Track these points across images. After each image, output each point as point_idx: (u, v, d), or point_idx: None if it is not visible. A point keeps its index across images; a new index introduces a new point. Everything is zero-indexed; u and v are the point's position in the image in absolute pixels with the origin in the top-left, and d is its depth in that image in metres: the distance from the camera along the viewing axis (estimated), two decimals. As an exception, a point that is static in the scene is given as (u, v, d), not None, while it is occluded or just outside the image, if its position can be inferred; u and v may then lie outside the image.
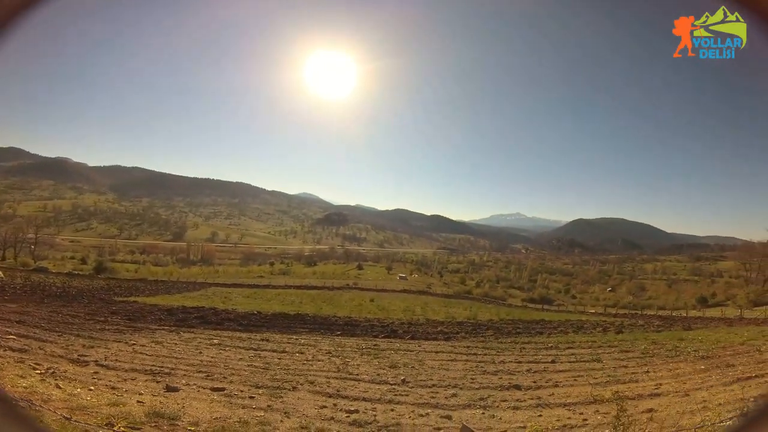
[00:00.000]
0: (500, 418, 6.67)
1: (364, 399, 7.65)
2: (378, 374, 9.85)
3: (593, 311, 48.53)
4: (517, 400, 7.90)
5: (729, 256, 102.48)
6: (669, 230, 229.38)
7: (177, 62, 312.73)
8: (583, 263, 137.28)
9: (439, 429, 6.16)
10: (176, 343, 12.34)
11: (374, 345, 14.16)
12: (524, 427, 5.94)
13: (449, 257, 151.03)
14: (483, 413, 7.04)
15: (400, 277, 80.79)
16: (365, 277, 71.41)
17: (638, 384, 8.88)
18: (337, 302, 32.41)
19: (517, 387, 8.96)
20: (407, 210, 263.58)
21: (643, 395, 7.66)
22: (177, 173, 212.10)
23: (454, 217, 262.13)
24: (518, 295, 74.61)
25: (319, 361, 11.22)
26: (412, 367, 10.80)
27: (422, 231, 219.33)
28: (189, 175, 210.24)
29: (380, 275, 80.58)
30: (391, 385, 8.90)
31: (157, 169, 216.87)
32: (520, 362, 12.08)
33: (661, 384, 8.62)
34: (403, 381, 9.20)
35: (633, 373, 10.21)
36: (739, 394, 4.86)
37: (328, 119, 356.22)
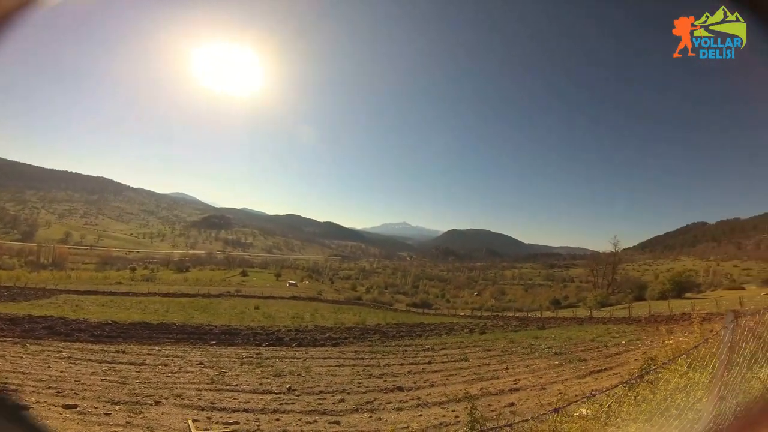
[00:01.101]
0: (386, 420, 6.79)
1: (245, 410, 7.23)
2: (261, 384, 9.39)
3: (463, 314, 53.23)
4: (400, 401, 8.14)
5: (579, 264, 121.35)
6: (526, 241, 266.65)
7: (35, 37, 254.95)
8: (456, 270, 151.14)
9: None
10: (22, 357, 10.79)
11: (257, 354, 13.51)
12: (407, 428, 6.06)
13: (341, 264, 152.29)
14: (370, 416, 7.13)
15: (290, 284, 79.24)
16: (250, 284, 68.03)
17: (500, 380, 9.83)
18: (214, 310, 30.20)
19: (400, 389, 9.25)
20: (300, 216, 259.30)
21: (504, 390, 8.48)
22: (30, 162, 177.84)
23: (347, 225, 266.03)
24: (404, 300, 78.63)
25: (187, 372, 10.31)
26: (299, 374, 10.55)
27: (315, 237, 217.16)
28: (44, 166, 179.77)
29: (268, 282, 78.05)
30: (276, 394, 8.54)
31: (6, 157, 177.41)
32: (402, 364, 12.59)
33: (519, 379, 9.66)
34: (289, 389, 8.92)
35: (495, 370, 11.35)
36: (592, 385, 5.57)
37: (216, 116, 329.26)
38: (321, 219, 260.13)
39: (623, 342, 15.49)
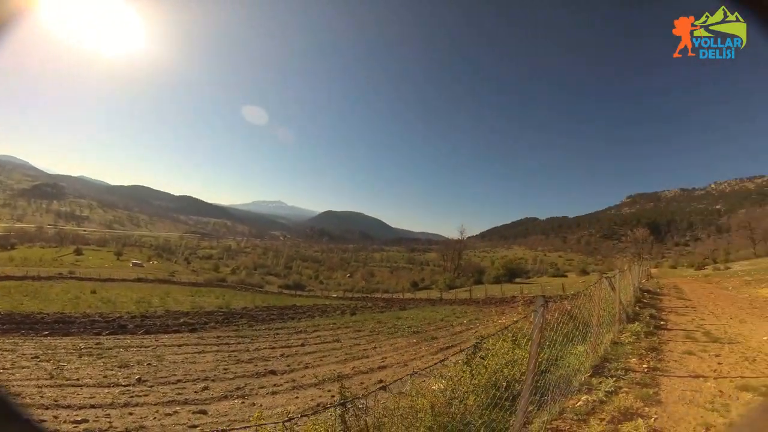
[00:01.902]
0: (260, 405, 6.81)
1: (93, 406, 6.57)
2: (105, 376, 8.55)
3: (335, 295, 54.83)
4: (275, 385, 8.25)
5: (434, 249, 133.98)
6: (394, 225, 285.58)
7: None
8: (330, 251, 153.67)
9: (195, 426, 5.76)
10: None
11: (97, 344, 12.15)
12: (286, 411, 6.25)
13: (200, 242, 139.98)
14: (242, 402, 7.07)
15: (134, 264, 71.88)
16: (86, 265, 59.23)
17: (369, 359, 10.74)
18: (45, 295, 25.63)
19: (273, 372, 9.33)
20: (149, 187, 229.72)
21: (374, 368, 9.35)
22: None
23: (210, 200, 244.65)
24: (275, 281, 76.53)
25: (22, 368, 8.99)
26: (149, 364, 9.81)
27: (167, 212, 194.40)
28: None
29: (107, 262, 68.90)
30: (124, 386, 7.90)
31: None
32: (274, 348, 12.59)
33: (386, 357, 10.72)
34: (139, 380, 8.28)
35: (365, 349, 12.25)
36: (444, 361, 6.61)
37: (56, 67, 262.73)
38: (176, 192, 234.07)
39: (465, 321, 18.16)
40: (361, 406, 3.24)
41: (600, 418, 3.95)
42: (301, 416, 3.25)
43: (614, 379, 5.17)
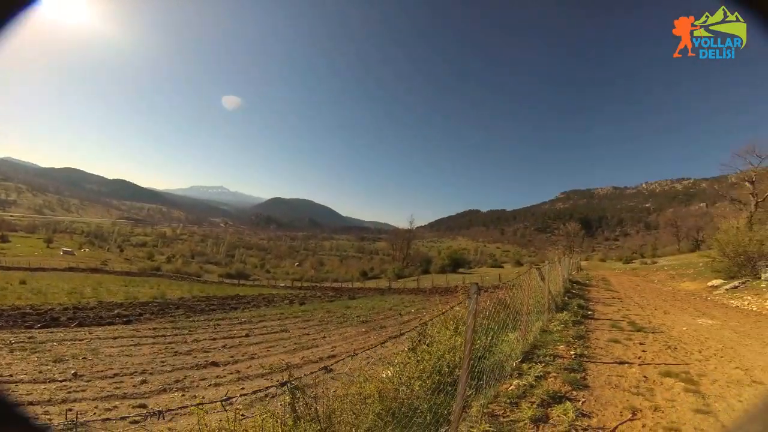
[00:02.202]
0: (203, 397, 6.71)
1: (30, 403, 6.27)
2: (40, 372, 8.07)
3: (283, 285, 53.87)
4: (217, 376, 8.13)
5: (384, 238, 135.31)
6: (345, 213, 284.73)
7: None
8: (277, 239, 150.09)
9: (136, 422, 5.63)
10: None
11: (29, 338, 11.31)
12: (230, 402, 6.20)
13: (134, 229, 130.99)
14: (183, 395, 6.93)
15: (65, 252, 66.81)
16: (14, 253, 54.55)
17: (319, 348, 10.85)
18: None
19: (215, 364, 9.15)
20: (81, 170, 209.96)
21: (323, 358, 9.48)
22: None
23: (144, 184, 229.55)
24: (215, 270, 73.47)
25: None
26: (84, 358, 9.33)
27: (99, 197, 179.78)
28: None
29: (36, 250, 63.88)
30: (61, 381, 7.50)
31: None
32: (215, 339, 12.30)
33: (335, 347, 10.89)
34: (76, 375, 7.91)
35: (314, 339, 12.33)
36: (392, 349, 6.85)
37: None
38: (110, 175, 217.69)
39: (413, 310, 18.79)
40: (312, 394, 3.25)
41: (530, 402, 4.25)
42: (241, 395, 3.27)
43: (543, 364, 5.60)
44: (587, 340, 7.62)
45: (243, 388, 7.28)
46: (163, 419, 5.30)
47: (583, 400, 4.48)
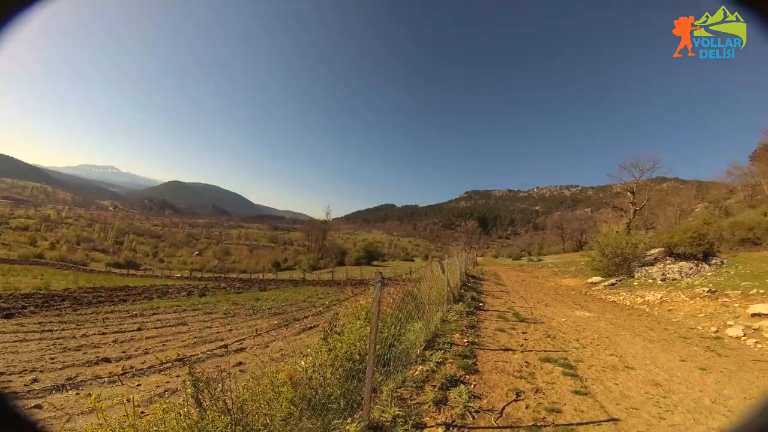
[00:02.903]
0: (99, 395, 6.13)
1: None
2: None
3: (180, 275, 49.79)
4: (110, 373, 7.48)
5: (299, 228, 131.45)
6: (256, 201, 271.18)
7: None
8: (173, 226, 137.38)
9: (36, 423, 4.95)
10: None
11: None
12: (129, 401, 5.76)
13: (14, 210, 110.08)
14: (77, 393, 6.30)
15: None
16: None
17: (224, 341, 10.41)
18: None
19: (107, 360, 8.44)
20: None
21: (230, 351, 9.15)
22: None
23: (29, 160, 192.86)
24: (102, 258, 65.12)
25: None
26: None
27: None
28: None
29: None
30: None
31: None
32: (105, 333, 11.27)
33: (243, 340, 10.49)
34: None
35: (218, 332, 11.75)
36: (306, 341, 6.92)
37: None
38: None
39: (327, 302, 18.87)
40: (218, 387, 3.14)
41: (432, 385, 4.72)
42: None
43: (442, 351, 6.21)
44: (478, 329, 8.45)
45: (139, 385, 6.81)
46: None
47: (475, 383, 5.03)
